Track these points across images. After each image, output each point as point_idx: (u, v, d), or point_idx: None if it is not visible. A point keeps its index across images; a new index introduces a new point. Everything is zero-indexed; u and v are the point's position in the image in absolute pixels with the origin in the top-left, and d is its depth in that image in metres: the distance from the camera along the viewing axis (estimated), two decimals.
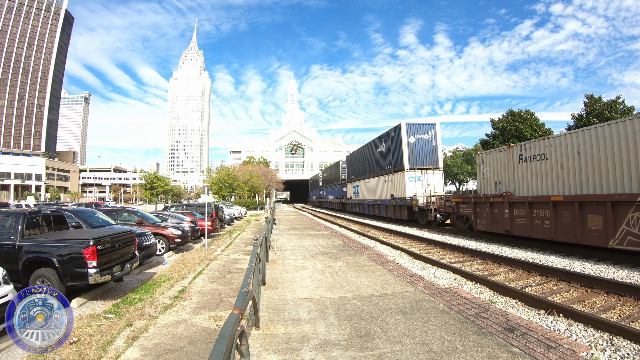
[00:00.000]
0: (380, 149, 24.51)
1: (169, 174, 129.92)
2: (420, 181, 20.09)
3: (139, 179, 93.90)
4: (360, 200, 30.11)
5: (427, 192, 19.65)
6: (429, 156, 20.51)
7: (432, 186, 19.94)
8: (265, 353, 3.69)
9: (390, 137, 22.63)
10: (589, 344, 4.30)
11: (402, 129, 20.45)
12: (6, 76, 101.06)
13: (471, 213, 14.45)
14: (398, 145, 20.91)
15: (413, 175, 20.19)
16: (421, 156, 20.43)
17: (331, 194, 45.01)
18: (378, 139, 25.40)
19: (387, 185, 22.99)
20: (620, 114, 35.89)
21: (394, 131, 21.88)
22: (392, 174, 22.21)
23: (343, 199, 37.52)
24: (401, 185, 20.66)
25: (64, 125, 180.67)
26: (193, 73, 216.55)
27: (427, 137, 20.61)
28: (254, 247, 5.08)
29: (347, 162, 35.84)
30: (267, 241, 8.90)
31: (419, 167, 20.28)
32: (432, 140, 20.65)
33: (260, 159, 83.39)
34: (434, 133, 20.69)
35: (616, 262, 8.77)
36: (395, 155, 21.43)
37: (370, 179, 27.03)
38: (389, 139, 22.84)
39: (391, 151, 22.22)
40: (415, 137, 20.49)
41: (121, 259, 6.94)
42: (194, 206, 19.89)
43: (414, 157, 20.31)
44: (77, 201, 76.81)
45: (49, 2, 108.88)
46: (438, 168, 20.45)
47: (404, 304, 5.29)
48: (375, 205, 26.15)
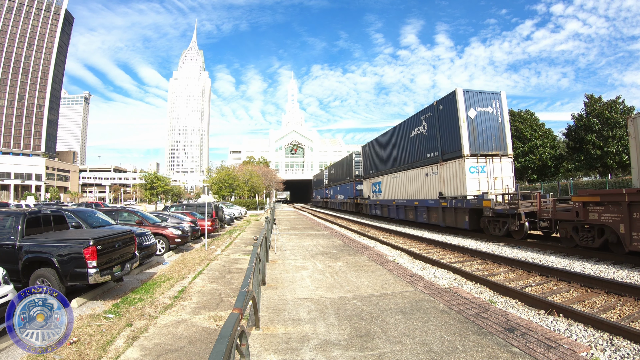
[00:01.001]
0: (418, 131, 18.71)
1: (169, 174, 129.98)
2: (484, 173, 14.71)
3: (139, 179, 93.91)
4: (385, 200, 23.71)
5: (493, 188, 14.61)
6: (494, 138, 15.09)
7: (499, 180, 14.80)
8: (265, 353, 3.69)
9: (435, 112, 16.93)
10: (589, 344, 4.30)
11: (457, 98, 14.92)
12: (6, 76, 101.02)
13: (620, 221, 8.44)
14: (451, 121, 15.58)
15: (475, 165, 14.60)
16: (485, 138, 15.01)
17: (341, 193, 38.65)
18: (414, 118, 19.38)
19: (431, 180, 17.42)
20: (620, 114, 35.89)
21: (443, 103, 16.31)
22: (439, 164, 16.56)
23: (357, 199, 31.40)
24: (457, 179, 15.21)
25: (64, 125, 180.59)
26: (193, 73, 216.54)
27: (491, 110, 15.25)
28: (254, 247, 5.08)
29: (364, 155, 29.29)
30: (267, 241, 8.90)
31: (482, 153, 14.75)
32: (498, 116, 15.32)
33: (260, 159, 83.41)
34: (499, 106, 15.37)
35: (616, 262, 8.77)
36: (446, 136, 16.06)
37: (400, 173, 21.21)
38: (433, 116, 17.14)
39: (438, 132, 16.70)
40: (477, 109, 15.02)
41: (121, 259, 6.94)
42: (194, 206, 19.89)
43: (475, 139, 14.83)
44: (77, 201, 76.81)
45: (49, 2, 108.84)
46: (507, 154, 15.15)
47: (404, 304, 5.29)
48: (410, 207, 19.83)
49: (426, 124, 17.94)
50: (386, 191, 23.76)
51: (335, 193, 42.24)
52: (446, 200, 15.72)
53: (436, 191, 16.73)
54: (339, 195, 39.80)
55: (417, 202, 18.75)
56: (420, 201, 18.42)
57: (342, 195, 37.61)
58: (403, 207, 20.89)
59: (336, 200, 41.34)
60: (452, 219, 15.54)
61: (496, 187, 14.68)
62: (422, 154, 18.43)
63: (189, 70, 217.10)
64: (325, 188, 49.95)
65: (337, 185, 40.76)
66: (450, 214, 15.72)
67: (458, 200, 14.90)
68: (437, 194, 16.61)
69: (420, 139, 18.63)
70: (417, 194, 18.91)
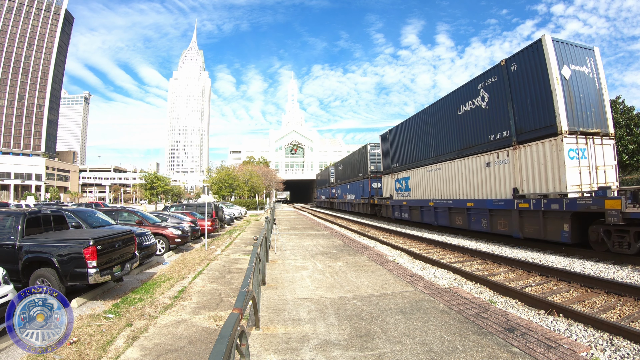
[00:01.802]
0: (473, 105, 13.86)
1: (169, 174, 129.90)
2: (585, 159, 10.40)
3: (139, 179, 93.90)
4: (415, 201, 18.85)
5: (595, 181, 10.47)
6: (594, 110, 10.90)
7: (601, 170, 10.69)
8: (265, 353, 3.69)
9: (504, 75, 12.15)
10: (589, 344, 4.29)
11: (546, 50, 10.54)
12: (6, 76, 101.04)
13: None
14: (534, 85, 11.06)
15: (575, 147, 10.27)
16: (583, 109, 10.73)
17: (351, 193, 33.69)
18: (467, 89, 14.30)
19: (496, 172, 12.52)
20: (620, 114, 35.92)
21: (519, 60, 11.66)
22: (511, 149, 11.79)
23: (374, 198, 26.51)
24: (547, 169, 10.64)
25: (64, 125, 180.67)
26: (193, 73, 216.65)
27: (587, 71, 11.08)
28: (254, 247, 5.08)
29: (384, 145, 24.00)
30: (267, 241, 8.90)
31: (583, 131, 10.49)
32: (595, 80, 11.17)
33: (260, 159, 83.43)
34: (594, 67, 11.22)
35: (616, 262, 8.76)
36: (526, 107, 11.35)
37: (440, 165, 16.31)
38: (500, 81, 12.34)
39: (509, 102, 11.87)
40: (571, 68, 10.76)
41: (121, 259, 6.94)
42: (194, 206, 19.89)
43: (573, 110, 10.49)
44: (77, 201, 76.81)
45: (49, 2, 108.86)
46: (608, 134, 11.01)
47: (404, 304, 5.29)
48: (459, 210, 14.85)
49: (487, 94, 13.03)
50: (417, 189, 18.91)
51: (344, 192, 37.42)
52: (527, 200, 11.01)
53: (506, 187, 12.03)
54: (348, 195, 35.13)
55: (471, 203, 13.78)
56: (477, 202, 13.43)
57: (353, 195, 33.06)
58: (446, 209, 15.80)
59: (345, 200, 36.55)
60: (538, 228, 10.69)
61: (598, 179, 10.50)
62: (479, 136, 13.64)
63: (189, 70, 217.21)
64: (331, 187, 45.15)
65: (347, 184, 35.80)
66: (534, 220, 10.89)
67: (551, 200, 10.19)
68: (509, 190, 11.80)
69: (476, 116, 13.78)
70: (471, 191, 13.95)
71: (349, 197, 34.76)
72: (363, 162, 29.54)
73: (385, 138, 23.91)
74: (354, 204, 32.97)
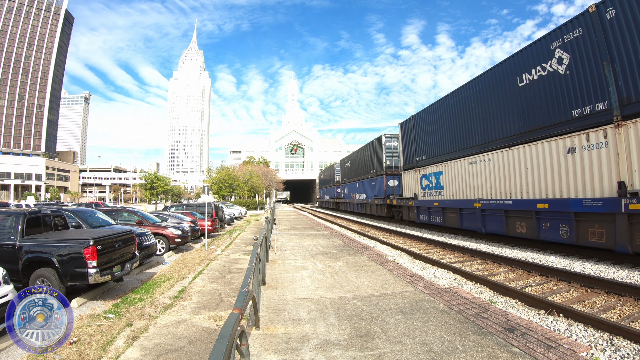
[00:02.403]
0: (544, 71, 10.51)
1: (169, 174, 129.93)
2: None
3: (139, 179, 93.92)
4: (450, 201, 15.45)
5: None
6: None
7: None
8: (265, 353, 3.69)
9: (593, 26, 9.05)
10: (589, 344, 4.30)
11: None
12: (6, 76, 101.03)
13: None
14: None
15: None
16: None
17: (361, 192, 29.67)
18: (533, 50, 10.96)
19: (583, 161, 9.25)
20: None
21: None
22: (611, 127, 8.57)
23: (393, 198, 22.34)
24: None
25: (64, 125, 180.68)
26: (193, 73, 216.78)
27: None
28: (254, 247, 5.08)
29: (406, 135, 20.17)
30: (267, 241, 8.90)
31: None
32: None
33: (260, 159, 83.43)
34: None
35: (616, 262, 8.76)
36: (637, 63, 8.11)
37: (490, 155, 12.83)
38: (587, 35, 9.25)
39: (606, 61, 8.75)
40: None
41: (121, 259, 6.94)
42: (194, 206, 19.89)
43: None
44: (77, 201, 76.81)
45: (49, 2, 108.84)
46: None
47: (404, 304, 5.29)
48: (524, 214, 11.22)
49: (567, 55, 9.75)
50: (454, 186, 15.21)
51: (352, 192, 33.35)
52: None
53: (603, 181, 8.75)
54: (357, 195, 31.08)
55: (544, 205, 10.31)
56: (553, 202, 10.06)
57: (364, 195, 28.96)
58: (501, 212, 12.23)
59: (353, 200, 32.50)
60: None
61: None
62: (555, 112, 10.21)
63: (189, 70, 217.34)
64: (336, 186, 40.66)
65: (354, 182, 32.11)
66: None
67: None
68: (611, 186, 8.57)
69: (548, 86, 10.36)
70: (540, 188, 10.61)
71: (358, 197, 30.85)
72: (377, 156, 25.57)
73: (407, 127, 19.94)
74: (365, 204, 29.00)
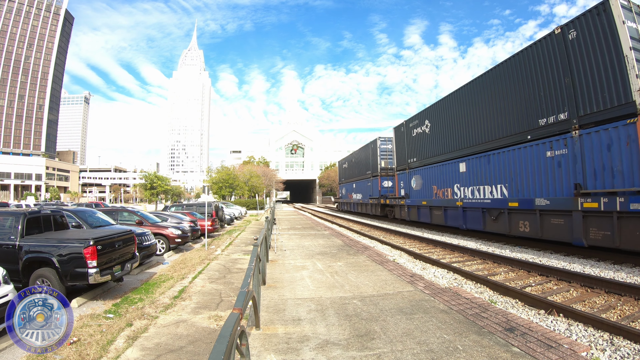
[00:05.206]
0: None
1: (169, 173, 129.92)
2: None
3: (139, 179, 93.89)
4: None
5: None
6: None
7: None
8: (265, 353, 3.69)
9: None
10: (589, 344, 4.29)
11: None
12: (6, 76, 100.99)
13: None
14: None
15: None
16: None
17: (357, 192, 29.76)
18: None
19: None
20: None
21: None
22: None
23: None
24: None
25: (64, 125, 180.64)
26: (193, 73, 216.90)
27: None
28: (254, 246, 5.08)
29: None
30: (267, 241, 8.89)
31: None
32: None
33: (261, 158, 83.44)
34: None
35: (616, 262, 8.76)
36: None
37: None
38: None
39: None
40: None
41: (121, 259, 6.94)
42: (194, 206, 19.89)
43: None
44: (77, 201, 76.81)
45: (49, 2, 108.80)
46: None
47: (404, 303, 5.29)
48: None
49: None
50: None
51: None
52: None
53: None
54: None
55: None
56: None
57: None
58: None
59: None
60: None
61: None
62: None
63: (189, 70, 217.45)
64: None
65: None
66: None
67: None
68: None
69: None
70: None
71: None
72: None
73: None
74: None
